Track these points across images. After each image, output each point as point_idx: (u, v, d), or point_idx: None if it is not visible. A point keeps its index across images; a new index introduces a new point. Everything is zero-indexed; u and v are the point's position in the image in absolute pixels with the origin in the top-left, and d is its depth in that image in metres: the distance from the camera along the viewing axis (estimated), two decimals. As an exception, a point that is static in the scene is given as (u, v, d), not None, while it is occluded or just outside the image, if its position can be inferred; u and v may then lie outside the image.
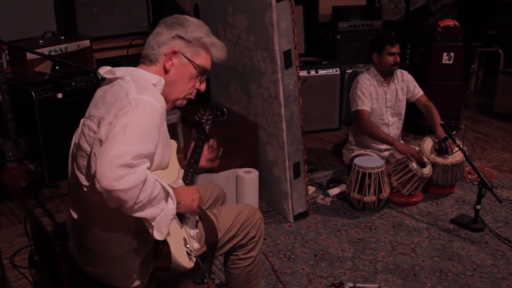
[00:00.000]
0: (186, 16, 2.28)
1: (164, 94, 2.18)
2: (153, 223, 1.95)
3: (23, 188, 4.11)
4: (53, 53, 4.17)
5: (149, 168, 1.93)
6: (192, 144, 2.65)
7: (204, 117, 2.79)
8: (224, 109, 2.92)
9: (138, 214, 1.91)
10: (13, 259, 3.43)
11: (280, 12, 3.51)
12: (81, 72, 4.32)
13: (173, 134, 4.25)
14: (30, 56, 4.07)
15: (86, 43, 4.53)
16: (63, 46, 4.33)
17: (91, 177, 2.01)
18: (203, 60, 2.29)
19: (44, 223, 3.72)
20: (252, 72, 3.91)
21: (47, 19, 4.89)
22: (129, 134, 1.89)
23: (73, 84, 4.35)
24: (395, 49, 4.32)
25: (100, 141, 1.99)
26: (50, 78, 4.05)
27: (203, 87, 2.35)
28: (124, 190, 1.81)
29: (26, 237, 3.53)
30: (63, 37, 4.41)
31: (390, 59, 4.31)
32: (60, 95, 3.53)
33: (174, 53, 2.21)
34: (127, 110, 1.95)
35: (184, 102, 2.33)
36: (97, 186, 1.83)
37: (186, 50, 2.23)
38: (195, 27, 2.25)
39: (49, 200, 4.17)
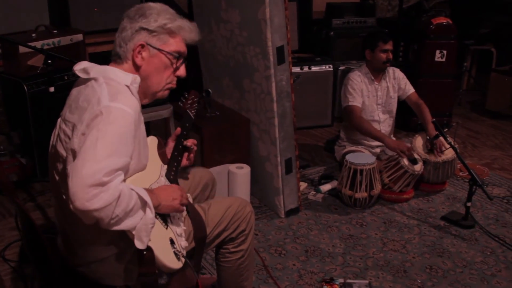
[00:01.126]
0: (149, 4, 2.18)
1: (142, 90, 2.14)
2: (133, 232, 1.92)
3: (14, 182, 4.10)
4: (45, 47, 4.15)
5: (124, 179, 1.91)
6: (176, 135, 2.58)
7: (189, 101, 2.66)
8: (209, 90, 2.81)
9: (116, 228, 1.87)
10: (4, 253, 3.42)
11: (273, 8, 3.51)
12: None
13: (165, 129, 4.25)
14: (22, 49, 4.05)
15: (79, 37, 4.51)
16: (56, 40, 4.31)
17: (66, 186, 1.97)
18: (173, 46, 2.19)
19: (35, 217, 3.73)
20: (244, 68, 3.91)
21: (40, 12, 4.86)
22: (100, 149, 1.83)
23: (66, 78, 4.33)
24: (388, 46, 4.33)
25: (73, 151, 1.93)
26: (42, 72, 4.03)
27: (182, 72, 2.25)
28: (98, 210, 1.78)
29: (17, 231, 3.53)
30: (56, 31, 4.39)
31: (383, 56, 4.32)
32: (52, 89, 3.52)
33: (142, 46, 2.14)
34: (98, 121, 1.89)
35: (166, 93, 2.26)
36: (71, 206, 1.79)
37: (152, 40, 2.15)
38: (158, 15, 2.15)
39: (40, 194, 4.16)
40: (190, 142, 2.56)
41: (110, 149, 1.86)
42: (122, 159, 1.89)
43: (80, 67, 2.12)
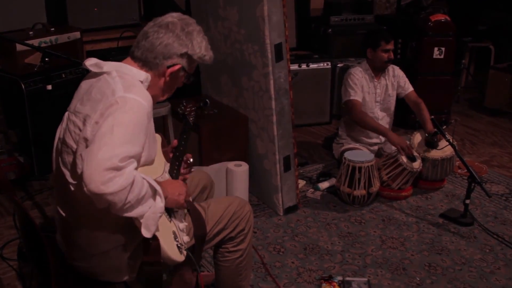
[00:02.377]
0: (191, 22, 2.25)
1: (152, 95, 2.17)
2: (141, 221, 1.95)
3: (12, 180, 4.10)
4: (43, 45, 4.14)
5: (136, 168, 1.93)
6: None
7: (187, 109, 2.75)
8: (207, 100, 2.92)
9: (127, 214, 1.91)
10: (2, 251, 3.42)
11: (271, 5, 3.50)
12: (71, 64, 4.29)
13: (163, 127, 4.25)
14: (19, 47, 4.04)
15: (77, 35, 4.50)
16: (53, 38, 4.29)
17: (77, 175, 2.00)
18: (194, 68, 2.30)
19: (33, 215, 3.72)
20: (243, 65, 3.90)
21: (37, 10, 4.84)
22: (116, 135, 1.88)
23: (63, 76, 4.32)
24: (390, 46, 4.32)
25: (86, 139, 1.97)
26: (39, 70, 4.02)
27: None
28: (112, 193, 1.81)
29: (15, 229, 3.52)
30: (53, 29, 4.37)
31: (384, 55, 4.32)
32: (49, 87, 3.51)
33: (179, 69, 2.20)
34: (113, 109, 1.93)
35: None
36: (85, 189, 1.82)
37: (188, 66, 2.24)
38: (201, 43, 2.23)
39: (38, 193, 4.15)
40: (186, 157, 2.58)
41: (125, 136, 1.90)
42: (136, 148, 1.94)
43: (92, 62, 2.15)
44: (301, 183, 4.35)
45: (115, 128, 1.89)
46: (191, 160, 2.61)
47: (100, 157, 1.82)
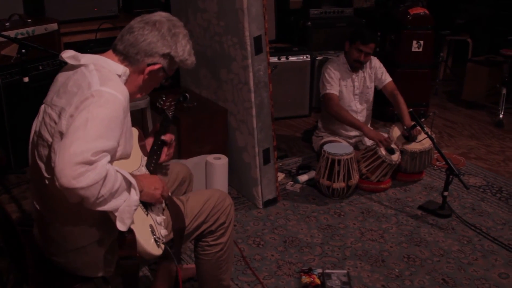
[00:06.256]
0: (178, 25, 2.24)
1: (129, 92, 2.14)
2: (116, 214, 1.93)
3: (-12, 173, 4.05)
4: (19, 36, 4.08)
5: (110, 161, 1.91)
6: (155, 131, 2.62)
7: (167, 103, 2.75)
8: (187, 94, 2.91)
9: (100, 208, 1.89)
10: (-22, 245, 3.38)
11: (250, -2, 3.49)
12: (48, 56, 4.24)
13: (142, 120, 4.22)
14: (-5, 39, 3.99)
15: (54, 26, 4.44)
16: (30, 29, 4.24)
17: (52, 170, 1.98)
18: (174, 70, 2.30)
19: (10, 209, 3.68)
20: (222, 58, 3.88)
21: (14, 1, 4.79)
22: (90, 129, 1.85)
23: (40, 68, 4.27)
24: (365, 48, 4.27)
25: (61, 133, 1.94)
26: (16, 62, 3.97)
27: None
28: (84, 188, 1.79)
29: (-9, 223, 3.48)
30: (30, 20, 4.32)
31: (356, 54, 4.31)
32: (26, 79, 3.47)
33: (159, 69, 2.19)
34: (88, 103, 1.91)
35: None
36: (57, 183, 1.80)
37: (168, 67, 2.22)
38: (185, 46, 2.23)
39: (16, 186, 4.10)
40: (168, 137, 2.60)
41: (99, 131, 1.87)
42: (110, 142, 1.91)
43: (69, 54, 2.12)
44: (281, 176, 4.35)
45: (89, 122, 1.87)
46: (173, 139, 2.61)
47: (72, 151, 1.79)
